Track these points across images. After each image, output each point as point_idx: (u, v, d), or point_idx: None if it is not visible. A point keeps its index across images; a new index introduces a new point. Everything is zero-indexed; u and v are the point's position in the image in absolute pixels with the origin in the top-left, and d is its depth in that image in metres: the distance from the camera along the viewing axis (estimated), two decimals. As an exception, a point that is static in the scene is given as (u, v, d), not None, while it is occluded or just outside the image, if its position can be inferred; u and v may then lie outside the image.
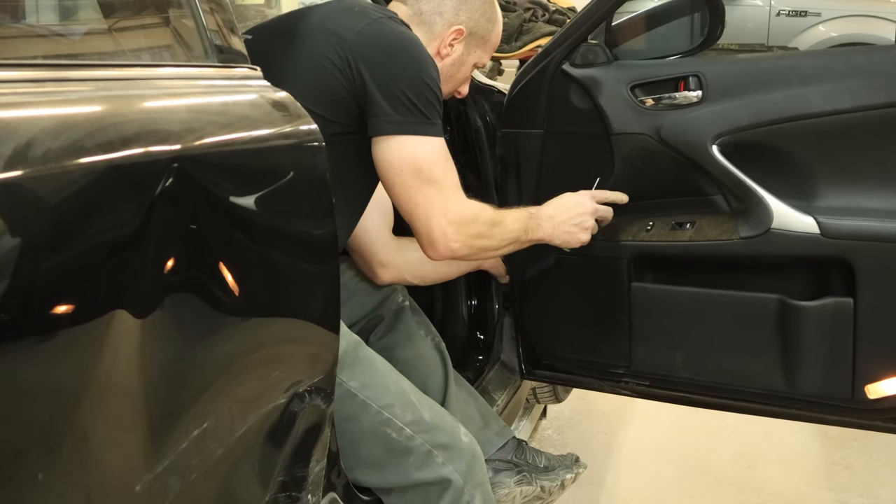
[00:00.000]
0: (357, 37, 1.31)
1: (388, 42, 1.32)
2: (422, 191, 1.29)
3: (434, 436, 1.32)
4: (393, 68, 1.30)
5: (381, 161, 1.31)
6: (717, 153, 1.57)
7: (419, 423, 1.30)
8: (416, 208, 1.30)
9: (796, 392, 1.61)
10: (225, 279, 0.81)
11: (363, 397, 1.26)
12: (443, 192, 1.30)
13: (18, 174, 0.60)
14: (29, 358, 0.62)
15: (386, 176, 1.32)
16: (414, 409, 1.31)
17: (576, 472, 1.76)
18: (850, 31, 6.12)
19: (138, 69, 0.86)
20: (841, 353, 1.54)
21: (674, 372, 1.71)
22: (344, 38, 1.31)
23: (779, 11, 6.39)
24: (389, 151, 1.29)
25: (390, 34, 1.33)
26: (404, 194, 1.31)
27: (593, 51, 1.68)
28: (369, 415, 1.26)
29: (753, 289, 1.62)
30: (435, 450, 1.31)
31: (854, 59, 1.62)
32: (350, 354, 1.26)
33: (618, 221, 1.68)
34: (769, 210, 1.54)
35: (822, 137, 1.54)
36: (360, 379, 1.26)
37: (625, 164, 1.67)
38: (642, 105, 1.64)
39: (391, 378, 1.32)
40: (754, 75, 1.61)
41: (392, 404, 1.28)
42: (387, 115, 1.28)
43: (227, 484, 0.85)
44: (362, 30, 1.32)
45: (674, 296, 1.68)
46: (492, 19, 1.53)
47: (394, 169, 1.30)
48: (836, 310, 1.53)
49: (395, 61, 1.30)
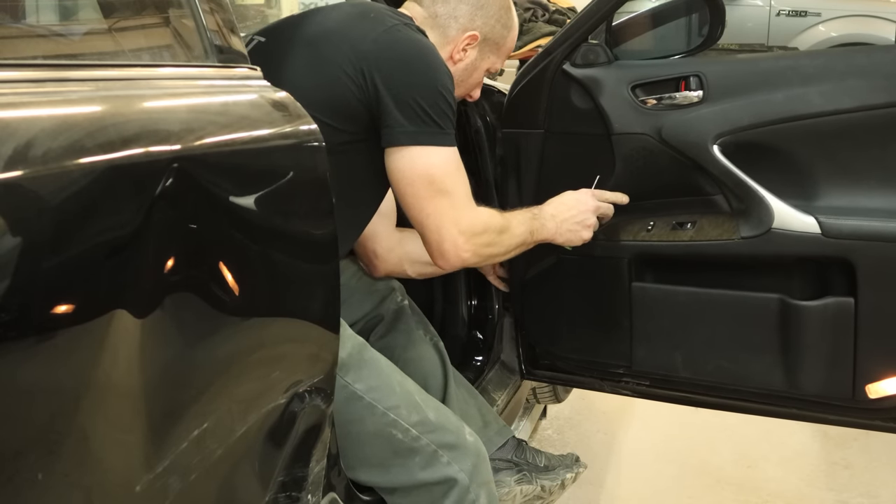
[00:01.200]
0: (372, 46, 1.30)
1: (403, 51, 1.31)
2: (433, 201, 1.30)
3: (439, 436, 1.32)
4: (408, 78, 1.29)
5: (393, 171, 1.31)
6: (718, 153, 1.57)
7: (424, 423, 1.30)
8: (427, 219, 1.31)
9: (797, 392, 1.61)
10: (225, 279, 0.81)
11: (369, 399, 1.26)
12: (454, 202, 1.31)
13: (18, 174, 0.60)
14: (29, 358, 0.62)
15: (398, 186, 1.32)
16: (419, 409, 1.31)
17: (576, 472, 1.76)
18: (850, 31, 6.12)
19: (138, 69, 0.86)
20: (842, 352, 1.54)
21: (674, 372, 1.71)
22: (358, 48, 1.29)
23: (779, 11, 6.39)
24: (402, 162, 1.29)
25: (405, 42, 1.32)
26: (416, 204, 1.31)
27: (594, 51, 1.68)
28: (375, 416, 1.26)
29: (754, 288, 1.62)
30: (440, 450, 1.31)
31: (854, 59, 1.62)
32: (355, 357, 1.26)
33: (619, 221, 1.68)
34: (770, 210, 1.54)
35: (822, 137, 1.54)
36: (365, 381, 1.26)
37: (625, 164, 1.67)
38: (643, 105, 1.64)
39: (396, 379, 1.32)
40: (755, 75, 1.61)
41: (398, 405, 1.28)
42: (401, 125, 1.27)
43: (228, 484, 0.85)
44: (377, 38, 1.30)
45: (674, 296, 1.68)
46: (507, 25, 1.52)
47: (406, 179, 1.30)
48: (837, 309, 1.53)
49: (409, 70, 1.29)
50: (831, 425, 1.72)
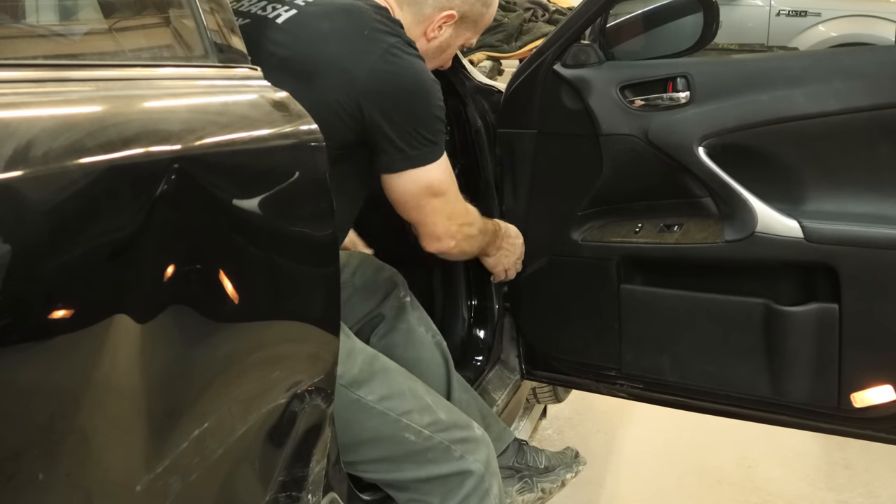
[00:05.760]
0: (369, 78, 1.26)
1: (402, 84, 1.29)
2: (431, 203, 1.39)
3: (451, 433, 1.34)
4: (408, 110, 1.30)
5: (394, 191, 1.36)
6: (703, 155, 1.55)
7: (437, 423, 1.33)
8: (425, 217, 1.41)
9: (783, 399, 1.59)
10: (225, 279, 0.81)
11: (382, 408, 1.28)
12: (448, 198, 1.41)
13: (19, 174, 0.60)
14: (29, 358, 0.61)
15: (399, 202, 1.38)
16: (430, 411, 1.34)
17: (576, 471, 1.76)
18: (850, 31, 6.12)
19: (138, 69, 0.86)
20: (826, 360, 1.51)
21: (662, 375, 1.70)
22: (355, 80, 1.26)
23: (779, 11, 6.39)
24: (403, 183, 1.34)
25: (403, 74, 1.29)
26: (416, 209, 1.40)
27: (584, 51, 1.68)
28: (388, 423, 1.29)
29: (739, 293, 1.59)
30: (453, 445, 1.34)
31: (840, 60, 1.60)
32: (366, 371, 1.29)
33: (607, 223, 1.68)
34: (754, 213, 1.52)
35: (808, 139, 1.52)
36: (377, 392, 1.28)
37: (614, 166, 1.66)
38: (631, 106, 1.64)
39: (407, 385, 1.34)
40: (741, 77, 1.60)
41: (410, 410, 1.30)
42: (401, 152, 1.31)
43: (228, 484, 0.85)
44: (374, 68, 1.27)
45: (661, 299, 1.67)
46: (487, 2, 1.48)
47: (408, 195, 1.36)
48: (822, 316, 1.50)
49: (410, 104, 1.30)
50: (821, 433, 1.70)
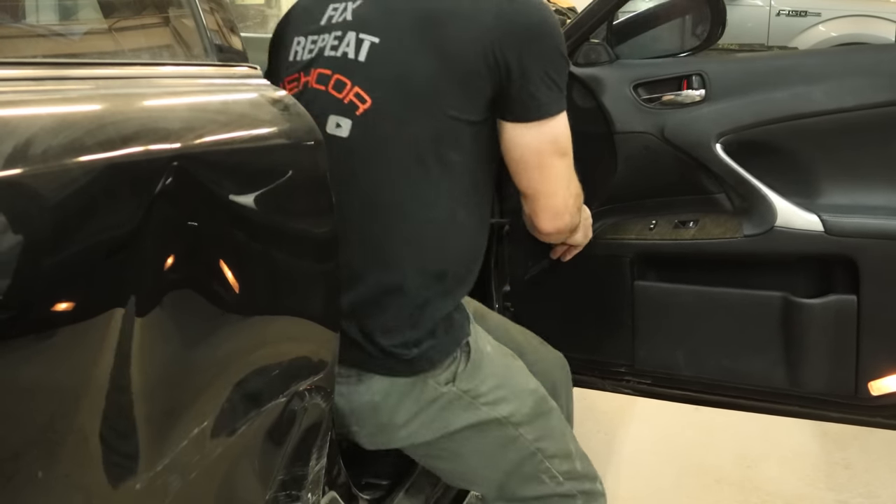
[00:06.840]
0: (495, 22, 1.15)
1: (528, 23, 1.17)
2: (555, 165, 1.23)
3: (580, 483, 1.36)
4: (538, 52, 1.17)
5: (519, 147, 1.21)
6: (721, 151, 1.58)
7: (572, 472, 1.35)
8: (546, 184, 1.24)
9: (799, 389, 1.61)
10: (225, 278, 0.81)
11: (534, 448, 1.30)
12: (569, 164, 1.25)
13: (18, 172, 0.60)
14: (29, 356, 0.61)
15: (521, 161, 1.22)
16: (570, 459, 1.35)
17: None
18: (850, 31, 6.13)
19: (138, 68, 0.86)
20: (844, 350, 1.54)
21: (676, 370, 1.72)
22: (483, 26, 1.15)
23: (779, 11, 6.40)
24: (532, 137, 1.20)
25: (526, 12, 1.18)
26: (538, 169, 1.23)
27: (595, 50, 1.69)
28: (534, 463, 1.30)
29: (757, 287, 1.62)
30: (579, 495, 1.36)
31: (856, 57, 1.62)
32: (535, 412, 1.30)
33: (621, 220, 1.68)
34: (773, 208, 1.54)
35: (825, 135, 1.54)
36: (536, 432, 1.30)
37: (628, 163, 1.67)
38: (645, 104, 1.65)
39: (560, 428, 1.35)
40: (757, 74, 1.62)
41: (555, 455, 1.32)
42: (534, 99, 1.18)
43: (228, 482, 0.85)
44: (499, 12, 1.16)
45: (677, 294, 1.69)
46: None
47: (532, 150, 1.21)
48: (840, 307, 1.53)
49: (539, 44, 1.18)
50: (833, 423, 1.72)
